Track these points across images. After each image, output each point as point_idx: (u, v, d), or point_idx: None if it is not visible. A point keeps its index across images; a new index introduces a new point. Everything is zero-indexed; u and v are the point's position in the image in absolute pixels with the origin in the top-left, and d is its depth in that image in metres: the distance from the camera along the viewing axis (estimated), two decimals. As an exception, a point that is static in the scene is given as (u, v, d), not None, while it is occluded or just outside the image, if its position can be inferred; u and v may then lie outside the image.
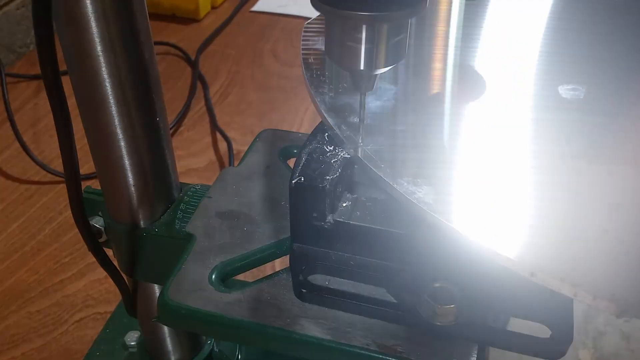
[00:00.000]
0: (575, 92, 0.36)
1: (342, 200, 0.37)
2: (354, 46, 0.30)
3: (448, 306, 0.33)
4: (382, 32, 0.29)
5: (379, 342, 0.35)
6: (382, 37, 0.29)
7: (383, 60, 0.30)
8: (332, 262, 0.37)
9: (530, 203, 0.31)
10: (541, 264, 0.27)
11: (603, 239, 0.29)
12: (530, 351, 0.34)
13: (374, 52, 0.30)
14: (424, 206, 0.30)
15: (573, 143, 0.34)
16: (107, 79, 0.38)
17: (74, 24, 0.36)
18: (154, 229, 0.45)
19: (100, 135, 0.41)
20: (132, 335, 0.59)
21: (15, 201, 0.85)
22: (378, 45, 0.29)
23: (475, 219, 0.30)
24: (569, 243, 0.28)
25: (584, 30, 0.43)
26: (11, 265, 0.76)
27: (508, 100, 0.38)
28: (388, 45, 0.30)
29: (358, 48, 0.30)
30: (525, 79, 0.39)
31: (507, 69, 0.41)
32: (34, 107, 1.01)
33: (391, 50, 0.30)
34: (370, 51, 0.30)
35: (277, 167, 0.47)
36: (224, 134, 0.95)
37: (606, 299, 0.25)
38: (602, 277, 0.27)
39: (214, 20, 1.24)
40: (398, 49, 0.30)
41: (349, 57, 0.30)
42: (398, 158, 0.34)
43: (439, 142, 0.35)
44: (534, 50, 0.42)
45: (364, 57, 0.30)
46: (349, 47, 0.30)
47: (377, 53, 0.30)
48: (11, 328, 0.69)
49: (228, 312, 0.36)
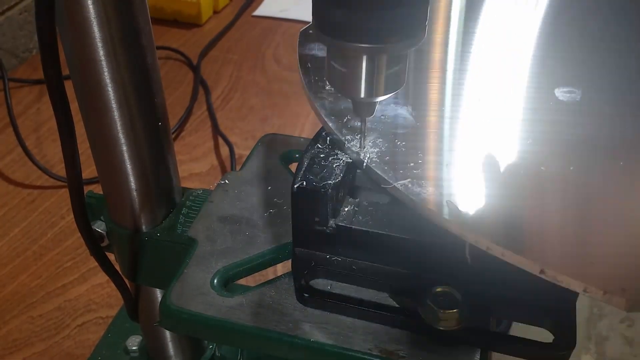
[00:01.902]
0: (572, 95, 0.37)
1: (344, 205, 0.37)
2: (354, 75, 0.31)
3: (451, 311, 0.33)
4: (382, 62, 0.30)
5: (381, 346, 0.35)
6: (382, 67, 0.31)
7: (383, 89, 0.31)
8: (334, 266, 0.37)
9: (536, 203, 0.31)
10: (550, 261, 0.27)
11: (611, 233, 0.29)
12: (533, 356, 0.34)
13: (374, 81, 0.31)
14: (432, 209, 0.30)
15: (574, 143, 0.34)
16: (110, 83, 0.38)
17: (76, 29, 0.36)
18: (156, 234, 0.45)
19: (103, 140, 0.41)
20: (134, 339, 0.59)
21: (17, 206, 0.85)
22: (378, 74, 0.31)
23: (476, 218, 0.30)
24: (577, 239, 0.28)
25: (577, 31, 0.43)
26: (13, 270, 0.76)
27: (505, 102, 0.38)
28: (388, 74, 0.31)
29: (358, 77, 0.31)
30: (522, 81, 0.40)
31: (504, 71, 0.41)
32: (37, 111, 1.02)
33: (391, 79, 0.31)
34: (370, 80, 0.31)
35: (278, 171, 0.47)
36: (225, 139, 0.95)
37: (617, 293, 0.25)
38: (611, 272, 0.27)
39: (215, 25, 1.25)
40: (397, 77, 0.32)
41: (350, 85, 0.31)
42: (400, 160, 0.34)
43: (440, 144, 0.35)
44: (528, 52, 0.42)
45: (365, 86, 0.31)
46: (350, 76, 0.31)
47: (377, 82, 0.31)
48: (13, 332, 0.69)
49: (230, 317, 0.36)
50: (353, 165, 0.36)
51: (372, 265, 0.37)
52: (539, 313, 0.35)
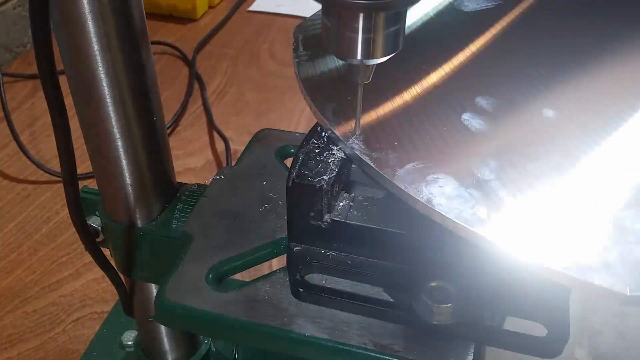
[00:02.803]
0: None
1: (339, 200, 0.37)
2: (351, 36, 0.30)
3: (445, 305, 0.33)
4: (379, 21, 0.29)
5: (376, 341, 0.35)
6: (380, 27, 0.29)
7: (380, 51, 0.30)
8: (329, 261, 0.37)
9: (546, 204, 0.31)
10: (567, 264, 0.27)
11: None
12: (526, 350, 0.34)
13: (371, 41, 0.30)
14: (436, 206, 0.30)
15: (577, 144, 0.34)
16: (104, 78, 0.38)
17: (70, 24, 0.36)
18: (151, 229, 0.45)
19: (97, 135, 0.41)
20: (129, 334, 0.59)
21: (11, 201, 0.84)
22: (375, 34, 0.29)
23: (479, 217, 0.30)
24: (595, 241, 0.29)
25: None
26: (8, 265, 0.76)
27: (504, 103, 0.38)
28: (385, 35, 0.30)
29: (355, 38, 0.30)
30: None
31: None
32: (31, 106, 1.01)
33: (388, 40, 0.30)
34: (367, 41, 0.30)
35: (274, 166, 0.47)
36: (221, 134, 0.94)
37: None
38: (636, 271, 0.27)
39: (211, 20, 1.24)
40: (395, 38, 0.30)
41: (346, 47, 0.30)
42: (396, 152, 0.34)
43: (439, 138, 0.35)
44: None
45: (361, 47, 0.30)
46: (346, 37, 0.30)
47: (374, 43, 0.30)
48: (8, 328, 0.69)
49: (225, 312, 0.36)
50: (348, 160, 0.36)
51: (367, 260, 0.37)
52: (532, 307, 0.35)
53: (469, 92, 0.37)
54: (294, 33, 0.43)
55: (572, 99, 0.36)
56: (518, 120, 0.36)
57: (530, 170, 0.32)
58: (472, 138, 0.35)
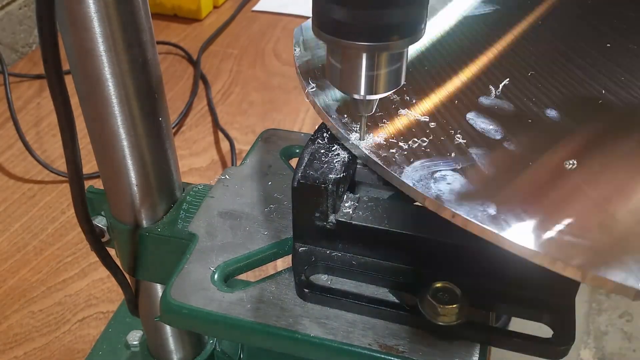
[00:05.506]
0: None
1: (345, 200, 0.37)
2: (353, 73, 0.31)
3: (450, 306, 0.33)
4: (382, 60, 0.31)
5: (381, 342, 0.35)
6: (382, 65, 0.31)
7: (382, 87, 0.32)
8: (335, 262, 0.37)
9: (556, 200, 0.31)
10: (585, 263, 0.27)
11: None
12: (532, 351, 0.34)
13: (373, 79, 0.31)
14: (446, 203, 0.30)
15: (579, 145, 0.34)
16: (110, 78, 0.38)
17: (76, 24, 0.36)
18: (157, 229, 0.45)
19: (103, 135, 0.41)
20: (135, 334, 0.59)
21: (17, 201, 0.85)
22: (378, 72, 0.31)
23: (483, 216, 0.30)
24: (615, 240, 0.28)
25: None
26: (14, 265, 0.76)
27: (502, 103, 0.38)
28: (387, 73, 0.31)
29: (358, 75, 0.31)
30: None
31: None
32: (37, 106, 1.02)
33: (390, 78, 0.31)
34: (370, 78, 0.31)
35: (279, 166, 0.47)
36: (226, 134, 0.95)
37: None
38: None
39: (215, 20, 1.24)
40: (396, 76, 0.32)
41: (349, 83, 0.32)
42: (403, 150, 0.34)
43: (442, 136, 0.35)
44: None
45: (364, 84, 0.31)
46: (349, 73, 0.31)
47: (377, 80, 0.31)
48: (14, 327, 0.69)
49: (230, 312, 0.36)
50: (353, 161, 0.36)
51: (372, 260, 0.37)
52: (538, 308, 0.35)
53: (473, 92, 0.37)
54: (295, 34, 0.44)
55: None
56: (521, 120, 0.36)
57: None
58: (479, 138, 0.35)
